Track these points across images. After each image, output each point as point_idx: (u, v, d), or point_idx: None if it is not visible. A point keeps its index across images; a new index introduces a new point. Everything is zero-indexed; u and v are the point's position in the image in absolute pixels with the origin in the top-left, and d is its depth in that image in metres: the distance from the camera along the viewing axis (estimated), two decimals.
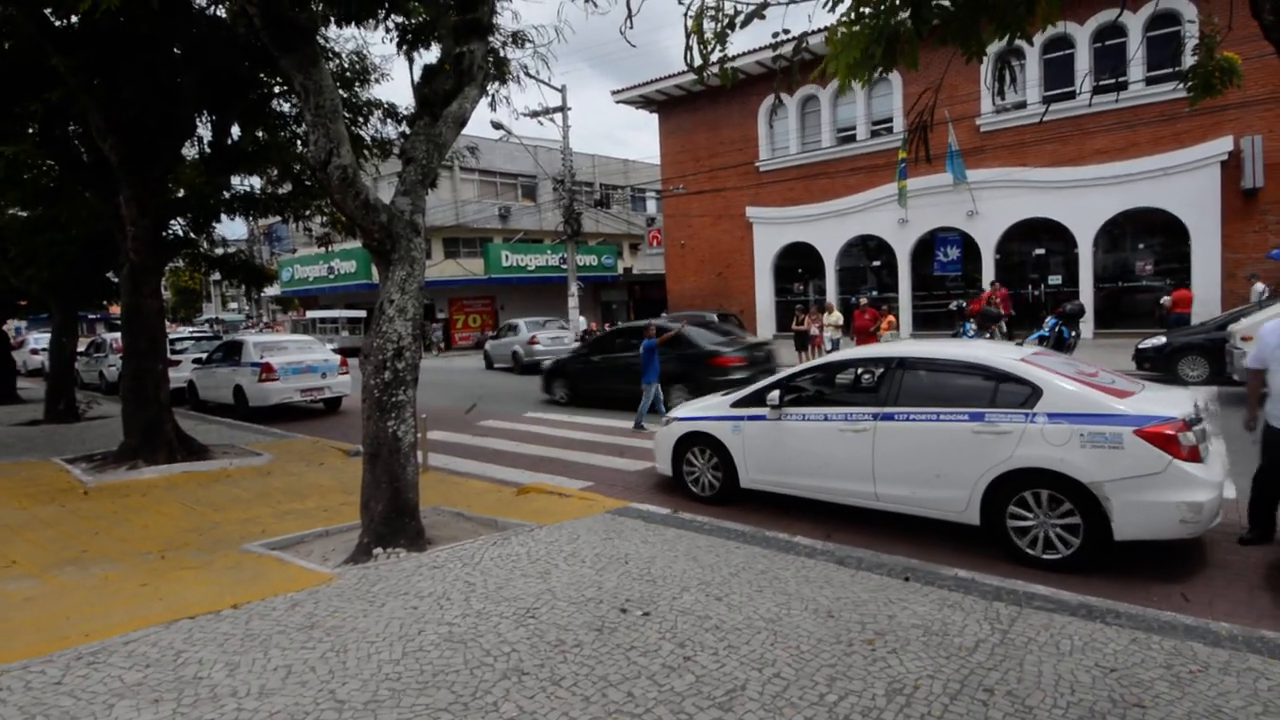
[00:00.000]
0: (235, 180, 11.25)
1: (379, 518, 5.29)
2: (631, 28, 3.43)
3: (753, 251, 25.16)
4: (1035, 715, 2.89)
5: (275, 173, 11.07)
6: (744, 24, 3.04)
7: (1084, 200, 18.27)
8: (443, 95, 6.16)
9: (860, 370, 6.66)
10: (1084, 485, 4.66)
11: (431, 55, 7.78)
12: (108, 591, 4.64)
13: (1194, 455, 4.60)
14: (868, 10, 2.79)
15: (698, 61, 3.24)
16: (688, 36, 3.16)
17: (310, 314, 35.74)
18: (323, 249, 12.23)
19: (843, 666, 3.28)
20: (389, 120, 11.07)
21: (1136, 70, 16.83)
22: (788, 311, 22.96)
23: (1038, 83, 18.95)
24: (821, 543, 5.09)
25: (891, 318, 16.84)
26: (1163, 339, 12.14)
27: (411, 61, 7.80)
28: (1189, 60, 4.82)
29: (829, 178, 22.81)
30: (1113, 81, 14.63)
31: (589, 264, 33.81)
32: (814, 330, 16.96)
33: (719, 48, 3.17)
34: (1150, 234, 18.32)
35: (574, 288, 25.38)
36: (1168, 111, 16.48)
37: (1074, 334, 13.40)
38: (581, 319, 26.78)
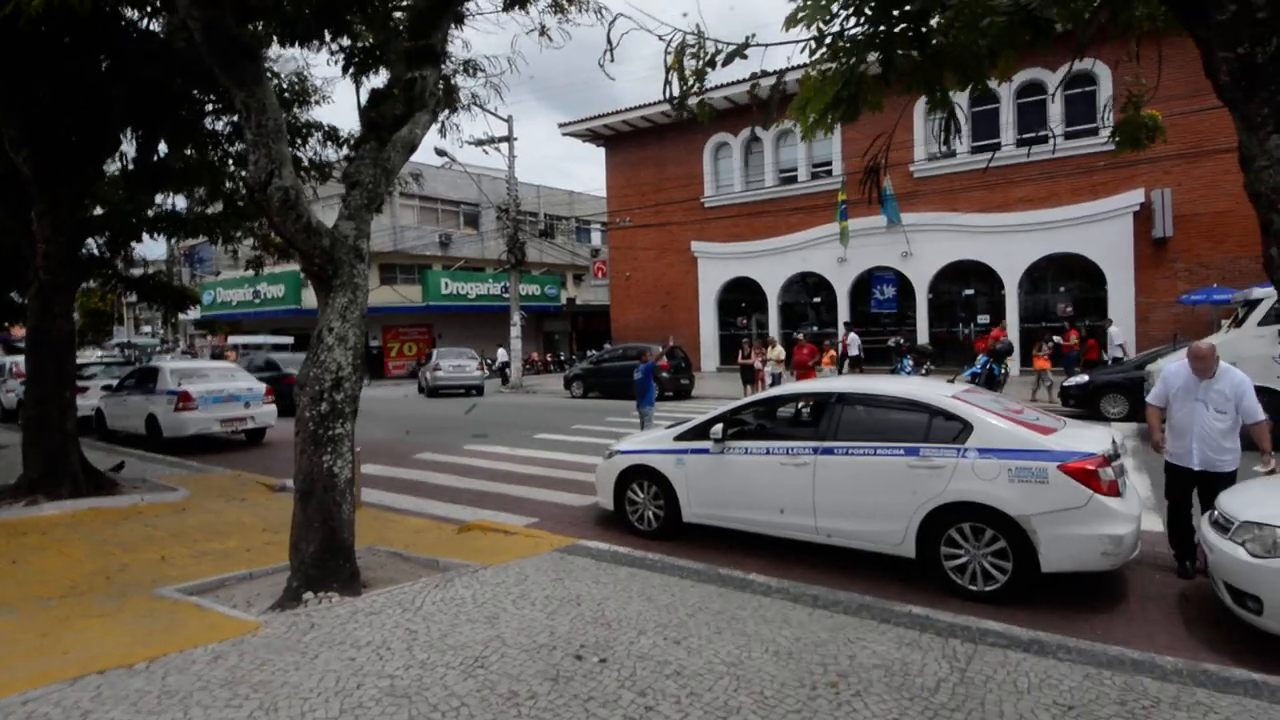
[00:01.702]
0: (159, 199, 10.69)
1: (310, 559, 4.93)
2: (612, 60, 3.39)
3: (697, 285, 25.52)
4: None
5: (203, 192, 10.57)
6: (725, 62, 3.04)
7: (1010, 245, 19.34)
8: (391, 120, 6.00)
9: (801, 405, 6.72)
10: (1012, 518, 4.81)
11: (379, 79, 7.63)
12: (3, 643, 4.13)
13: (1113, 490, 4.80)
14: (841, 57, 2.83)
15: (676, 96, 3.22)
16: (667, 71, 3.14)
17: (234, 339, 34.11)
18: (253, 272, 11.66)
19: (808, 712, 3.18)
20: (329, 143, 10.76)
21: (1056, 125, 18.07)
22: (731, 344, 23.28)
23: (967, 134, 20.09)
24: (776, 580, 5.02)
25: (833, 352, 17.19)
26: (1085, 378, 12.78)
27: (358, 85, 7.60)
28: (1108, 116, 5.17)
29: (772, 215, 23.45)
30: (1043, 135, 15.59)
31: (532, 294, 33.60)
32: (758, 364, 17.19)
33: (697, 85, 3.16)
34: (1070, 278, 19.50)
35: (517, 317, 25.10)
36: (1085, 164, 17.71)
37: (1003, 371, 13.98)
38: (501, 350, 26.97)
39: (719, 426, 6.17)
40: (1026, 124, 18.88)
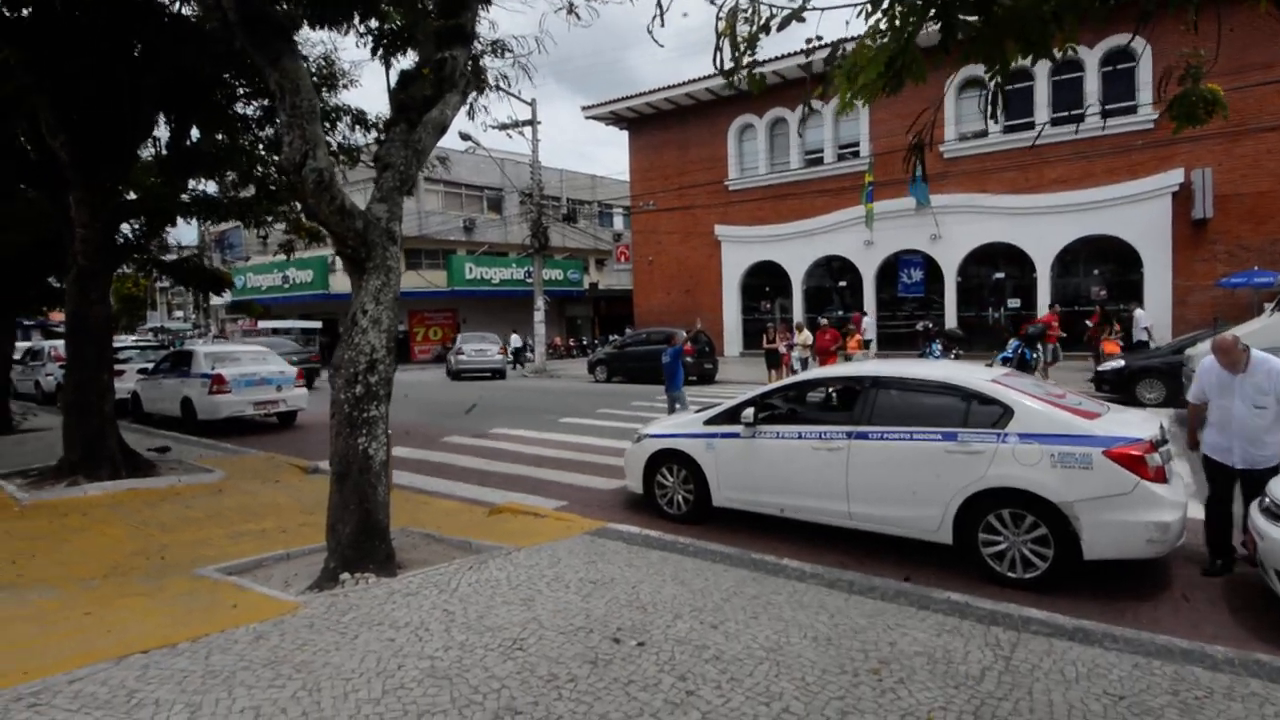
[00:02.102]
0: (192, 184, 10.81)
1: (347, 540, 4.99)
2: (662, 25, 3.30)
3: (721, 269, 25.32)
4: None
5: (234, 177, 10.66)
6: (781, 26, 2.93)
7: (1042, 226, 18.88)
8: (421, 101, 5.98)
9: (834, 389, 6.63)
10: (1054, 505, 4.71)
11: (408, 61, 7.60)
12: (47, 622, 4.24)
13: (1160, 476, 4.68)
14: (898, 22, 2.72)
15: (728, 64, 3.12)
16: (719, 38, 3.04)
17: (263, 324, 34.60)
18: (285, 256, 11.76)
19: (852, 699, 3.14)
20: (358, 127, 10.79)
21: (1093, 103, 17.54)
22: (754, 329, 23.11)
23: (1001, 112, 19.55)
24: (810, 566, 4.98)
25: (859, 336, 16.90)
26: (1122, 362, 12.49)
27: (388, 66, 7.60)
28: (1164, 89, 4.93)
29: (797, 198, 23.14)
30: (1080, 113, 15.12)
31: (555, 278, 33.61)
32: (782, 348, 17.03)
33: (750, 52, 3.06)
34: (1105, 260, 19.00)
35: (540, 302, 25.12)
36: (1122, 143, 17.18)
37: (1035, 355, 13.70)
38: (515, 335, 27.37)
39: (750, 410, 6.11)
40: (1061, 102, 18.34)
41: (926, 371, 5.98)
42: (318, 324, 33.39)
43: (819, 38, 3.41)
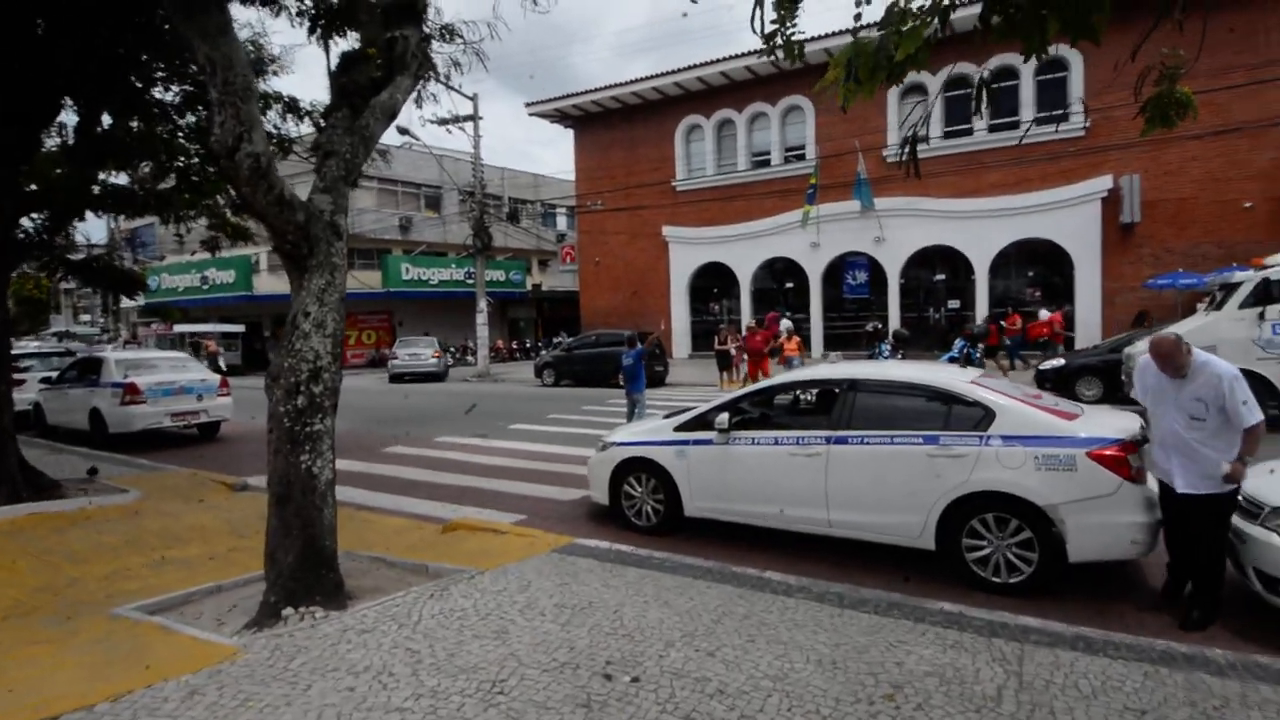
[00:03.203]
0: (102, 175, 9.84)
1: (289, 571, 4.46)
2: (695, 1, 2.98)
3: (669, 271, 25.18)
4: None
5: (151, 168, 9.76)
6: None
7: (981, 230, 19.47)
8: (366, 85, 5.50)
9: (811, 392, 6.46)
10: (1039, 508, 4.62)
11: (349, 42, 7.05)
12: None
13: (1141, 476, 4.66)
14: None
15: (769, 28, 2.83)
16: (758, 1, 2.74)
17: (179, 328, 32.53)
18: (211, 254, 10.85)
19: None
20: (290, 115, 10.05)
21: (1028, 111, 18.18)
22: (703, 331, 23.04)
23: (939, 119, 20.09)
24: (795, 578, 4.76)
25: (797, 338, 16.74)
26: (1061, 360, 12.88)
27: (327, 48, 7.02)
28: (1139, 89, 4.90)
29: (744, 200, 23.21)
30: (1014, 120, 15.58)
31: (497, 279, 32.78)
32: (733, 349, 16.95)
33: (790, 17, 2.78)
34: (1039, 263, 19.75)
35: (483, 304, 24.40)
36: (1055, 150, 17.87)
37: (979, 355, 14.03)
38: (428, 338, 26.87)
39: (725, 416, 5.85)
40: (999, 109, 18.96)
41: (905, 373, 5.85)
42: (239, 328, 31.67)
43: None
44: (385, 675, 3.37)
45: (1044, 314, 17.27)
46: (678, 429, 6.22)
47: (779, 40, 2.95)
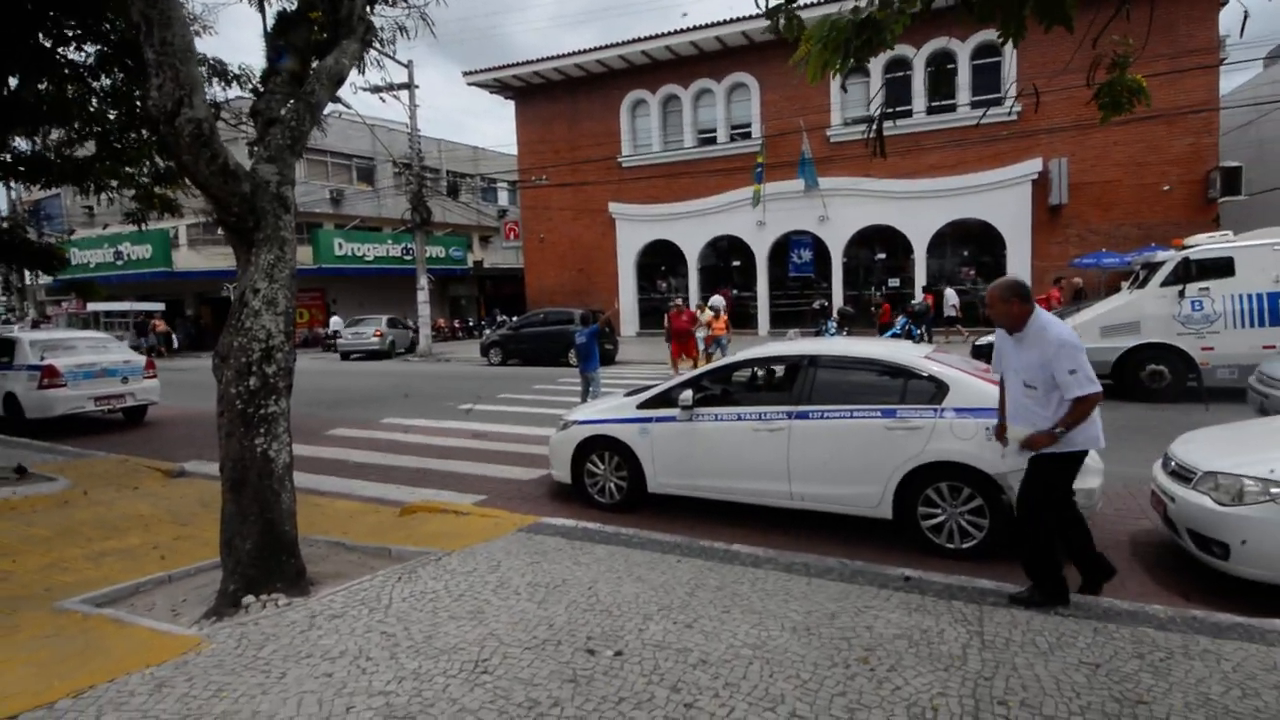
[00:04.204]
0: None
1: (248, 557, 4.28)
2: None
3: (616, 248, 25.02)
4: None
5: (63, 134, 9.06)
6: None
7: (919, 210, 20.07)
8: (305, 47, 5.23)
9: (773, 369, 6.57)
10: (990, 476, 4.84)
11: (286, 2, 6.65)
12: None
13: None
14: None
15: (773, 1, 2.79)
16: None
17: (93, 306, 30.52)
18: (138, 227, 10.15)
19: (854, 694, 3.00)
20: (217, 80, 9.47)
21: (964, 95, 18.74)
22: (651, 309, 23.06)
23: (881, 102, 20.49)
24: (763, 550, 4.86)
25: (725, 317, 16.52)
26: (994, 337, 13.44)
27: (263, 9, 6.62)
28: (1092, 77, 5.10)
29: (690, 178, 23.21)
30: (951, 103, 16.00)
31: (437, 256, 31.94)
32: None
33: None
34: (973, 242, 20.52)
35: (423, 280, 23.74)
36: (989, 133, 18.50)
37: (920, 331, 14.51)
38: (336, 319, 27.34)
39: (688, 393, 5.89)
40: (937, 92, 19.45)
41: (863, 349, 6.02)
42: (159, 305, 29.99)
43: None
44: (363, 659, 3.28)
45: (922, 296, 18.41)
46: (640, 406, 6.24)
47: (781, 18, 2.94)
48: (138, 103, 8.48)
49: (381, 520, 6.09)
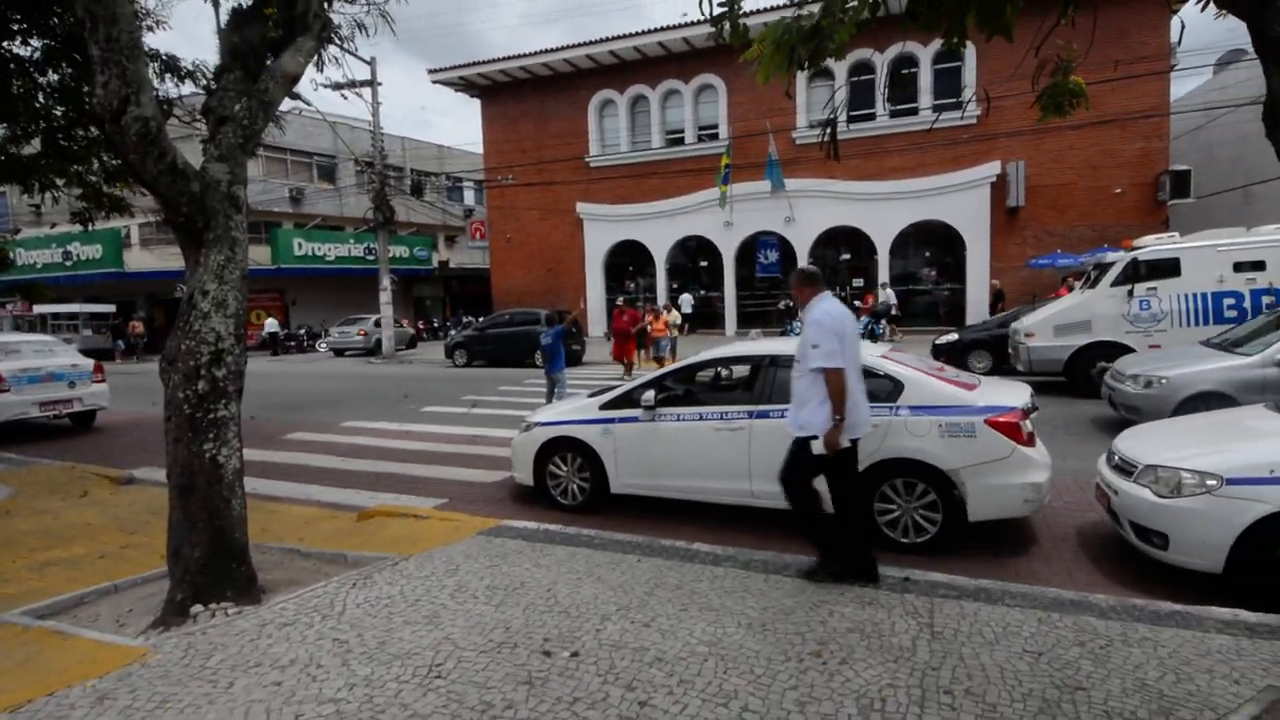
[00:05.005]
0: None
1: (197, 565, 4.19)
2: None
3: (584, 248, 24.96)
4: (1001, 713, 2.85)
5: (1, 130, 8.74)
6: None
7: (882, 211, 20.42)
8: (260, 45, 5.13)
9: (734, 368, 6.62)
10: (943, 472, 4.96)
11: None
12: None
13: (1031, 441, 5.09)
14: None
15: (718, 9, 2.81)
16: None
17: (40, 309, 29.46)
18: (84, 227, 9.82)
19: (805, 687, 3.04)
20: (169, 76, 9.22)
21: (926, 98, 19.13)
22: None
23: (845, 103, 20.79)
24: (722, 548, 4.91)
25: (666, 317, 16.25)
26: (955, 335, 13.76)
27: (217, 5, 6.47)
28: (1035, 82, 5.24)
29: (659, 178, 23.27)
30: (913, 107, 16.32)
31: (401, 256, 31.50)
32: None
33: (738, 1, 2.77)
34: (935, 243, 20.95)
35: (386, 281, 23.39)
36: (950, 136, 18.91)
37: (883, 330, 14.77)
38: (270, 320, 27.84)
39: (650, 393, 5.92)
40: (899, 95, 19.86)
41: None
42: (110, 307, 29.11)
43: None
44: (314, 667, 3.23)
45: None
46: (603, 407, 6.24)
47: (726, 25, 2.97)
48: (86, 99, 8.24)
49: (339, 526, 6.00)
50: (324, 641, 3.53)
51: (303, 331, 29.64)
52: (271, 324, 28.33)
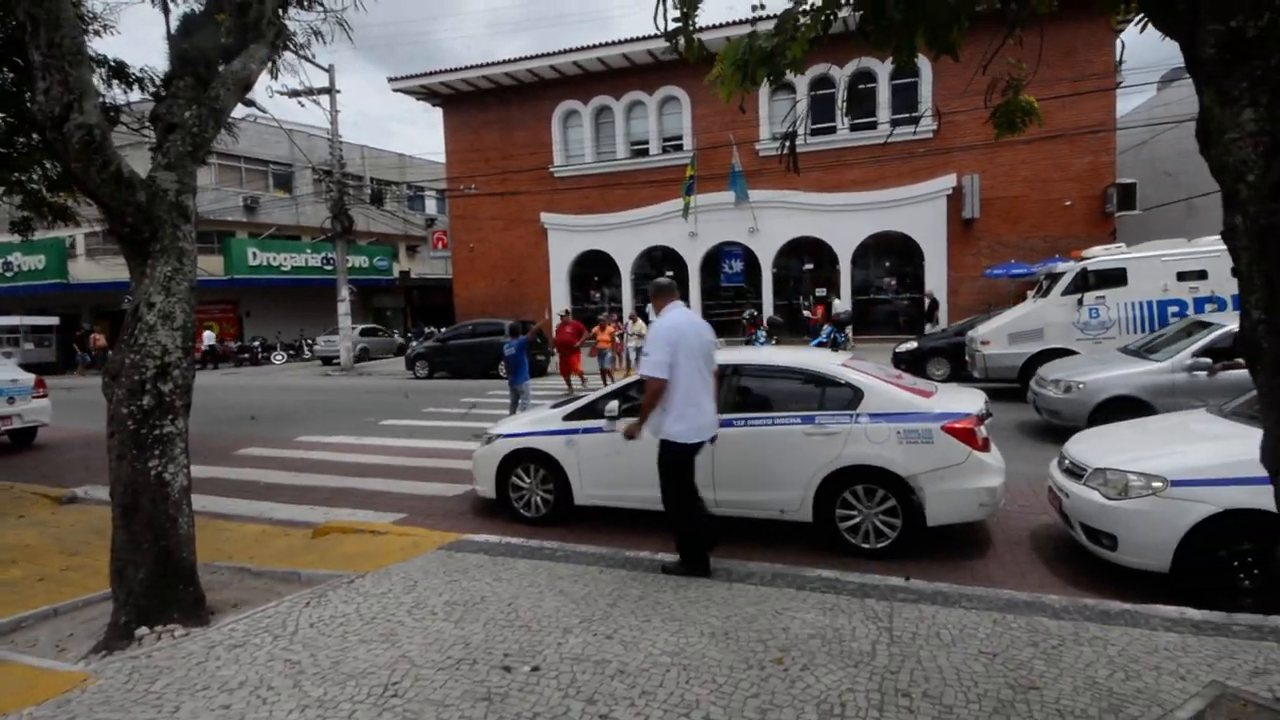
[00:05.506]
0: None
1: (141, 587, 4.03)
2: None
3: (548, 258, 24.86)
4: (957, 714, 2.89)
5: None
6: None
7: (844, 223, 20.80)
8: (213, 51, 5.03)
9: None
10: (902, 478, 5.05)
11: (192, 4, 6.35)
12: None
13: (986, 446, 5.21)
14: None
15: (671, 25, 2.82)
16: None
17: None
18: (22, 238, 9.45)
19: (767, 694, 3.05)
20: (116, 81, 8.97)
21: (885, 113, 19.60)
22: (583, 319, 22.98)
23: (807, 116, 21.14)
24: None
25: (611, 328, 16.24)
26: (915, 343, 14.06)
27: (166, 10, 6.31)
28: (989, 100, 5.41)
29: (624, 188, 23.33)
30: (872, 120, 16.67)
31: (360, 266, 30.96)
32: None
33: (692, 15, 2.79)
34: (895, 254, 21.42)
35: (345, 292, 22.96)
36: (908, 150, 19.39)
37: (845, 339, 15.01)
38: (209, 332, 27.30)
39: (615, 403, 5.89)
40: (860, 109, 20.31)
41: (783, 358, 6.16)
42: (54, 319, 28.07)
43: (761, 4, 3.22)
44: (264, 689, 3.13)
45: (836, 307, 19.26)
46: (567, 418, 6.20)
47: (681, 39, 3.00)
48: (27, 104, 7.96)
49: (292, 543, 5.85)
50: (275, 663, 3.41)
51: (257, 344, 28.89)
52: (209, 336, 27.33)
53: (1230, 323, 7.79)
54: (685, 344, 4.43)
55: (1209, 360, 7.60)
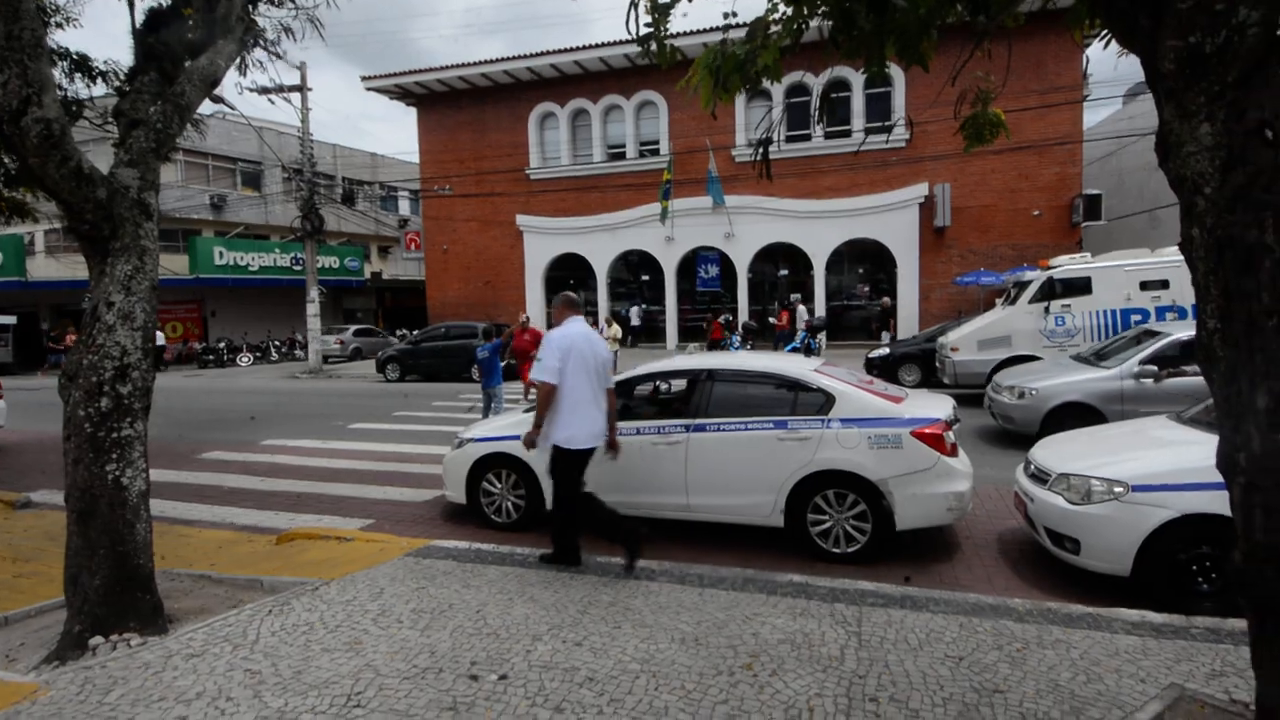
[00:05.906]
0: None
1: (97, 595, 3.92)
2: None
3: (524, 261, 24.73)
4: (923, 718, 2.92)
5: None
6: None
7: (818, 229, 21.01)
8: (178, 46, 4.93)
9: (672, 382, 6.64)
10: (872, 483, 5.10)
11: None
12: None
13: (954, 451, 5.28)
14: (803, 7, 2.64)
15: (643, 30, 2.81)
16: (633, 3, 2.72)
17: None
18: None
19: (735, 700, 3.04)
20: (79, 75, 8.73)
21: (859, 121, 19.85)
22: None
23: (782, 124, 21.32)
24: (658, 563, 4.88)
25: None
26: (887, 349, 14.23)
27: (132, 4, 6.17)
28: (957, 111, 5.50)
29: (600, 192, 23.31)
30: (847, 129, 16.82)
31: (330, 266, 30.45)
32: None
33: (664, 21, 2.78)
34: (868, 260, 21.69)
35: (314, 293, 22.57)
36: (880, 158, 19.67)
37: (818, 344, 15.15)
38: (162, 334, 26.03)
39: None
40: (835, 117, 20.57)
41: (757, 363, 6.18)
42: (11, 319, 27.20)
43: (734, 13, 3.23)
44: (223, 700, 3.04)
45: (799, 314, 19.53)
46: None
47: (653, 45, 3.00)
48: None
49: (255, 550, 5.72)
50: (235, 672, 3.33)
51: (222, 345, 28.27)
52: (159, 336, 26.59)
53: (1176, 332, 8.03)
54: (577, 354, 4.70)
55: (1155, 368, 7.81)
